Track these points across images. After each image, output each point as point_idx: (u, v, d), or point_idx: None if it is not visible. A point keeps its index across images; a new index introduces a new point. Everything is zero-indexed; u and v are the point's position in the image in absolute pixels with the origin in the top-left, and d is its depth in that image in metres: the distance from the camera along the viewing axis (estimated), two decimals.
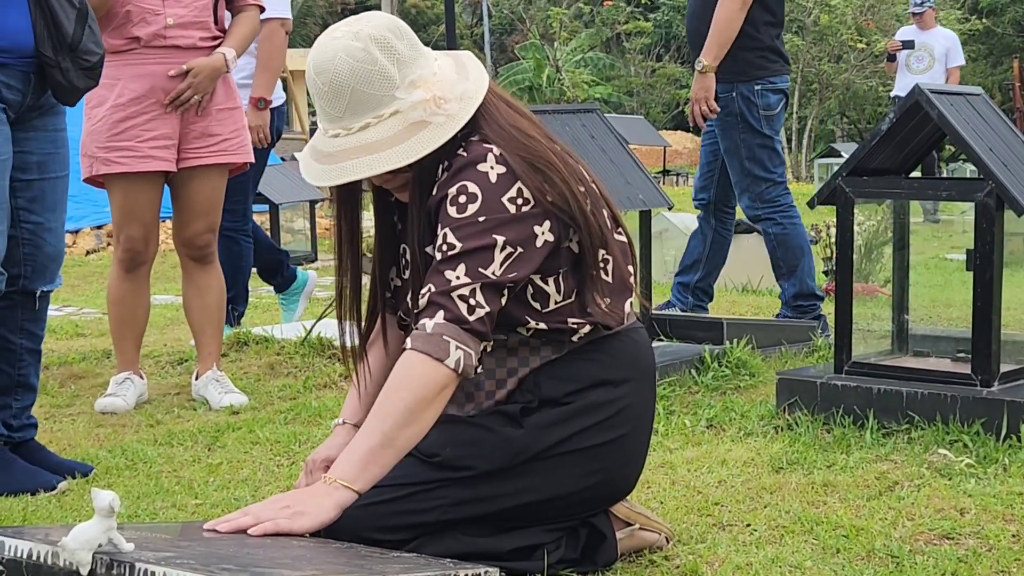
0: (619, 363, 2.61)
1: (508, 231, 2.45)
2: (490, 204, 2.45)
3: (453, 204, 2.47)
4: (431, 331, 2.43)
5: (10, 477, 3.43)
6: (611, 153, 4.57)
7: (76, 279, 10.03)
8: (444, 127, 2.50)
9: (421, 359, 2.43)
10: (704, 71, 5.29)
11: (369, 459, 2.45)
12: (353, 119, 2.49)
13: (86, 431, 4.20)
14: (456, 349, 2.42)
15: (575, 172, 2.56)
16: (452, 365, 2.42)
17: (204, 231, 4.58)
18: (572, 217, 2.51)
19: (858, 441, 3.62)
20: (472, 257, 2.44)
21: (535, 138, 2.55)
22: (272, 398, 4.64)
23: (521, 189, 2.47)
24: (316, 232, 11.02)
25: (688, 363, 4.52)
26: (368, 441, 2.46)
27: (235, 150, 4.58)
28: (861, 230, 7.27)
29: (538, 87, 30.94)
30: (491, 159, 2.48)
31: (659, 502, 3.13)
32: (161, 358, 5.35)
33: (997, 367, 3.70)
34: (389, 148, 2.47)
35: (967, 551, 2.73)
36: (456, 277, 2.44)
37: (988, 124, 3.87)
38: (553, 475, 2.53)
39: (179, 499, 3.33)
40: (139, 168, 4.40)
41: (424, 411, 2.45)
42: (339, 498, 2.43)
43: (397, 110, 2.49)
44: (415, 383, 2.43)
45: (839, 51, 31.29)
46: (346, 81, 2.47)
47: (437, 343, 2.42)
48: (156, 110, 4.40)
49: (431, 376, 2.43)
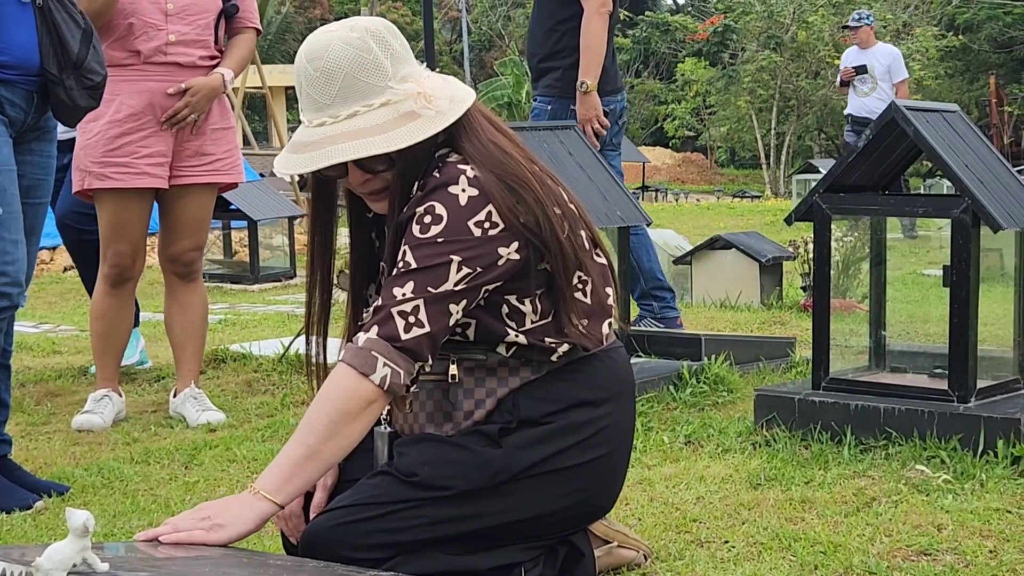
0: (599, 383, 2.61)
1: (467, 252, 2.43)
2: (454, 227, 2.43)
3: (418, 223, 2.45)
4: (361, 345, 2.40)
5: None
6: (589, 170, 4.57)
7: (53, 296, 10.00)
8: (434, 121, 2.47)
9: (347, 371, 2.40)
10: (588, 91, 5.57)
11: (292, 471, 2.41)
12: (342, 106, 2.45)
13: (62, 449, 4.18)
14: (384, 366, 2.39)
15: (552, 194, 2.54)
16: (377, 381, 2.39)
17: (191, 248, 4.59)
18: (543, 241, 2.48)
19: (836, 457, 3.63)
20: (424, 275, 2.42)
21: (513, 157, 2.54)
22: (249, 415, 4.62)
23: (491, 212, 2.44)
24: (295, 248, 11.00)
25: (666, 379, 4.52)
26: (293, 452, 2.41)
27: (227, 170, 4.61)
28: (839, 246, 7.31)
29: (517, 103, 31.02)
30: (463, 181, 2.46)
31: (637, 519, 3.13)
32: (138, 375, 5.33)
33: (974, 383, 3.71)
34: (377, 135, 2.44)
35: (944, 567, 2.74)
36: (402, 293, 2.42)
37: (964, 141, 3.89)
38: (532, 495, 2.53)
39: (156, 517, 3.31)
40: (133, 184, 4.41)
41: (348, 424, 2.40)
42: (261, 510, 2.40)
43: (388, 100, 2.46)
44: (339, 395, 2.40)
45: (817, 67, 31.43)
46: (339, 66, 2.44)
47: (365, 357, 2.40)
48: (152, 127, 4.43)
49: (355, 389, 2.39)
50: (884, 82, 12.50)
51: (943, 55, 32.37)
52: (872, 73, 12.54)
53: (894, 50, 13.07)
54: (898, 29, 31.34)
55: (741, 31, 33.26)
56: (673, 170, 37.46)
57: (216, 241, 11.45)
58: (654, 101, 38.75)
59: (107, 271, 4.53)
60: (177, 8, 4.42)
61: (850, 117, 12.89)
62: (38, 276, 11.01)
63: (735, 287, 8.22)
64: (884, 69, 12.54)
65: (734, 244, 8.53)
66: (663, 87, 38.51)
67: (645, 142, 38.06)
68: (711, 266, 8.61)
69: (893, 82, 12.51)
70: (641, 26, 37.95)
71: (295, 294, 9.88)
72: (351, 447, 2.45)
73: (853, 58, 12.84)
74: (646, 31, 37.95)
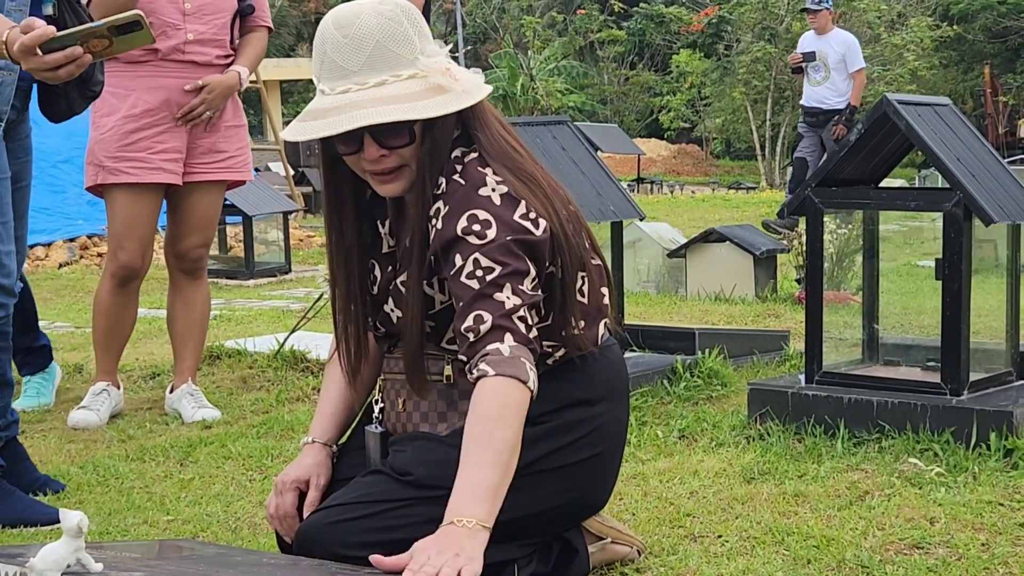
0: (594, 382, 2.61)
1: (529, 252, 2.42)
2: (506, 224, 2.41)
3: (470, 234, 2.40)
4: (509, 355, 2.35)
5: (10, 508, 3.36)
6: (582, 165, 4.58)
7: (48, 292, 9.98)
8: (461, 97, 2.44)
9: (510, 384, 2.33)
10: None
11: (496, 495, 2.32)
12: (370, 74, 2.41)
13: (57, 447, 4.18)
14: (531, 370, 2.37)
15: (557, 193, 2.55)
16: (532, 387, 2.37)
17: (199, 245, 4.62)
18: (555, 237, 2.49)
19: (829, 451, 3.64)
20: (513, 277, 2.39)
21: (521, 154, 2.54)
22: (244, 412, 4.63)
23: (527, 205, 2.45)
24: (290, 244, 11.00)
25: (660, 374, 4.53)
26: (489, 478, 2.30)
27: (239, 167, 4.66)
28: (833, 238, 7.32)
29: (512, 96, 31.00)
30: (491, 182, 2.44)
31: (631, 514, 3.14)
32: (134, 372, 5.33)
33: (967, 376, 3.72)
34: (407, 103, 2.40)
35: (937, 560, 2.75)
36: (507, 298, 2.38)
37: (956, 134, 3.90)
38: (527, 494, 2.53)
39: (151, 515, 3.32)
40: (148, 179, 4.44)
41: (519, 434, 2.35)
42: (484, 540, 2.28)
43: (415, 73, 2.43)
44: (513, 410, 2.34)
45: None
46: (371, 33, 2.41)
47: (518, 365, 2.34)
48: (168, 123, 4.46)
49: (520, 397, 2.34)
50: (838, 72, 11.95)
51: (938, 45, 32.35)
52: (824, 61, 11.96)
53: (851, 38, 12.41)
54: (893, 20, 31.32)
55: (736, 22, 33.24)
56: (668, 162, 37.44)
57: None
58: (649, 93, 38.71)
59: (115, 270, 4.54)
60: (195, 7, 4.47)
61: (802, 107, 12.45)
62: (32, 272, 11.00)
63: (729, 280, 8.22)
64: (838, 58, 11.98)
65: (728, 237, 8.54)
66: (658, 79, 38.47)
67: (640, 134, 38.02)
68: (705, 259, 8.61)
69: (849, 71, 11.98)
70: (636, 18, 37.90)
71: (290, 289, 9.88)
72: None
73: (808, 44, 12.29)
74: (640, 23, 37.89)
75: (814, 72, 12.02)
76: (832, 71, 11.94)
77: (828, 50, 12.00)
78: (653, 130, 40.01)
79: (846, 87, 11.98)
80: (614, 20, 35.96)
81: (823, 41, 12.09)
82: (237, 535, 3.12)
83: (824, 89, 11.95)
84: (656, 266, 9.44)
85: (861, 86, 12.12)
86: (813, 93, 12.07)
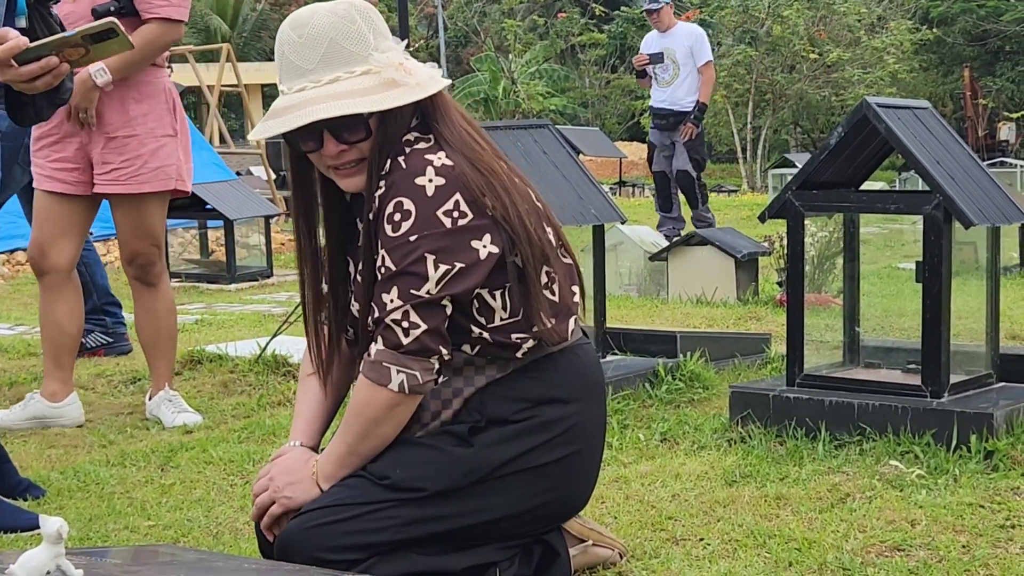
0: (566, 380, 2.62)
1: (441, 248, 2.45)
2: (424, 220, 2.45)
3: (389, 222, 2.47)
4: (373, 358, 2.50)
5: None
6: (563, 169, 4.58)
7: (29, 297, 9.94)
8: (414, 90, 2.50)
9: (367, 385, 2.52)
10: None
11: (340, 463, 2.57)
12: (324, 71, 2.48)
13: (38, 452, 4.16)
14: (398, 373, 2.48)
15: (518, 189, 2.56)
16: (396, 389, 2.49)
17: (133, 253, 4.60)
18: (513, 228, 2.51)
19: (810, 453, 3.64)
20: (404, 279, 2.46)
21: (483, 147, 2.56)
22: (226, 416, 4.62)
23: (459, 201, 2.46)
24: (271, 247, 10.97)
25: (642, 377, 4.53)
26: (338, 448, 2.57)
27: (125, 180, 4.49)
28: (814, 241, 7.33)
29: (494, 99, 31.00)
30: (430, 171, 2.47)
31: (613, 517, 3.14)
32: (114, 377, 5.32)
33: (947, 378, 3.73)
34: (360, 97, 2.47)
35: (918, 563, 2.76)
36: (390, 300, 2.47)
37: (935, 137, 3.91)
38: (504, 494, 2.54)
39: (131, 521, 3.31)
40: (41, 187, 4.53)
41: (378, 428, 2.54)
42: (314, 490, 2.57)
43: (370, 69, 2.50)
44: (365, 407, 2.54)
45: (792, 61, 31.50)
46: (324, 33, 2.48)
47: (379, 370, 2.49)
48: (62, 132, 4.47)
49: (378, 400, 2.51)
50: (687, 66, 11.07)
51: (917, 48, 32.46)
52: (673, 57, 11.07)
53: (697, 30, 11.47)
54: (872, 23, 31.41)
55: (717, 26, 33.32)
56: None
57: (192, 240, 11.42)
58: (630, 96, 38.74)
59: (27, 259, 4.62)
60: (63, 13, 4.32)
61: (651, 110, 11.59)
62: (13, 278, 10.96)
63: (711, 283, 8.22)
64: (686, 52, 11.06)
65: (710, 240, 8.54)
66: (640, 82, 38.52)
67: (622, 137, 38.04)
68: (687, 262, 8.61)
69: (697, 65, 11.07)
70: (617, 21, 37.93)
71: (272, 293, 9.86)
72: (387, 443, 2.56)
73: (652, 44, 11.32)
74: (622, 26, 37.93)
75: (662, 73, 11.19)
76: (681, 67, 11.11)
77: (675, 46, 11.14)
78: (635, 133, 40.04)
79: (695, 84, 11.18)
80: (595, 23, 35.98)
81: (669, 38, 11.25)
82: (218, 540, 3.12)
83: (674, 90, 11.14)
84: (638, 269, 9.44)
85: (711, 81, 11.35)
86: (662, 94, 11.23)
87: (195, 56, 16.83)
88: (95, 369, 5.39)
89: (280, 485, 2.57)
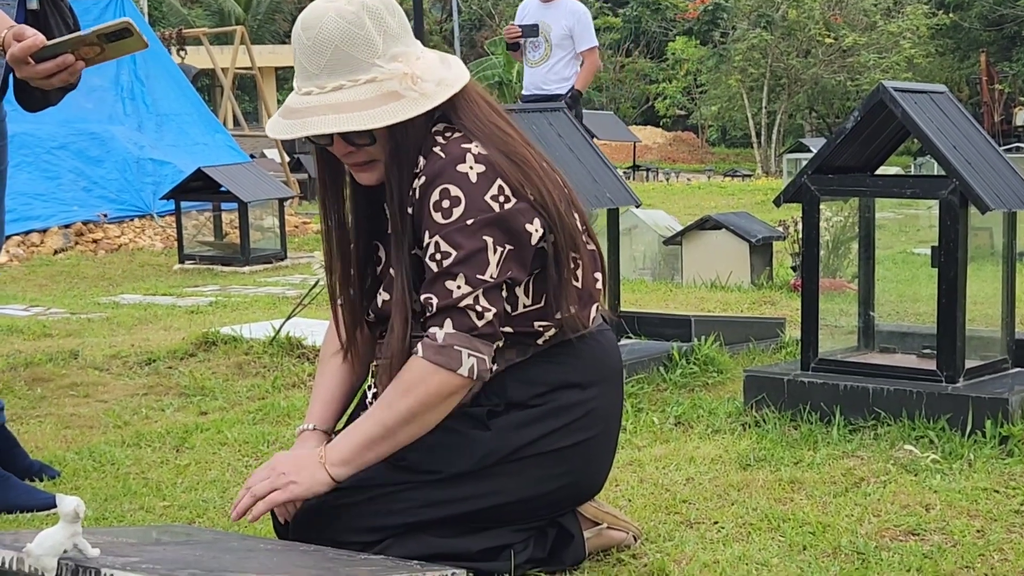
0: (586, 365, 2.62)
1: (497, 231, 2.45)
2: (474, 204, 2.45)
3: (437, 210, 2.46)
4: (442, 342, 2.45)
5: (6, 494, 3.33)
6: (578, 151, 4.57)
7: (44, 279, 9.98)
8: (417, 103, 2.47)
9: (432, 369, 2.45)
10: None
11: (366, 445, 2.49)
12: (329, 78, 2.47)
13: (53, 432, 4.18)
14: (468, 357, 2.45)
15: (549, 176, 2.56)
16: (465, 373, 2.45)
17: None
18: (548, 214, 2.51)
19: (825, 437, 3.64)
20: (467, 264, 2.44)
21: (513, 136, 2.55)
22: (240, 398, 4.63)
23: (502, 186, 2.47)
24: (285, 230, 11.00)
25: (656, 360, 4.53)
26: (370, 429, 2.49)
27: None
28: (829, 226, 7.32)
29: (508, 82, 30.98)
30: (470, 159, 2.47)
31: (627, 500, 3.14)
32: (129, 358, 5.33)
33: (962, 363, 3.72)
34: (357, 111, 2.45)
35: (932, 547, 2.75)
36: (457, 287, 2.44)
37: (952, 122, 3.90)
38: (520, 478, 2.54)
39: (147, 501, 3.32)
40: None
41: (428, 414, 2.49)
42: (323, 480, 2.48)
43: (374, 78, 2.47)
44: (423, 391, 2.47)
45: (807, 46, 31.39)
46: (330, 38, 2.46)
47: (449, 354, 2.45)
48: None
49: (442, 385, 2.46)
50: (563, 49, 9.14)
51: (934, 33, 32.35)
52: (547, 35, 9.14)
53: (581, 8, 9.38)
54: (889, 7, 31.31)
55: (732, 9, 33.22)
56: (664, 149, 37.44)
57: (206, 223, 11.44)
58: (644, 80, 38.68)
59: None
60: None
61: (521, 98, 9.78)
62: (28, 259, 10.99)
63: (725, 267, 8.22)
64: (563, 32, 9.14)
65: (724, 224, 8.54)
66: (654, 66, 38.44)
67: (636, 121, 38.00)
68: (701, 246, 8.61)
69: (578, 50, 9.17)
70: (632, 5, 37.87)
71: (286, 276, 9.88)
72: (426, 431, 2.50)
73: (530, 14, 9.32)
74: (636, 9, 37.86)
75: (532, 50, 9.23)
76: (554, 48, 9.15)
77: (551, 22, 9.17)
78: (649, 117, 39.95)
79: (570, 70, 9.24)
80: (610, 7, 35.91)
81: (549, 11, 9.20)
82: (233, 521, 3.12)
83: (542, 73, 9.22)
84: (652, 253, 9.45)
85: (592, 69, 9.45)
86: (530, 76, 9.32)
87: (209, 38, 16.83)
88: (110, 351, 5.40)
89: (284, 471, 2.50)
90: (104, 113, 12.95)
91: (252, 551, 2.25)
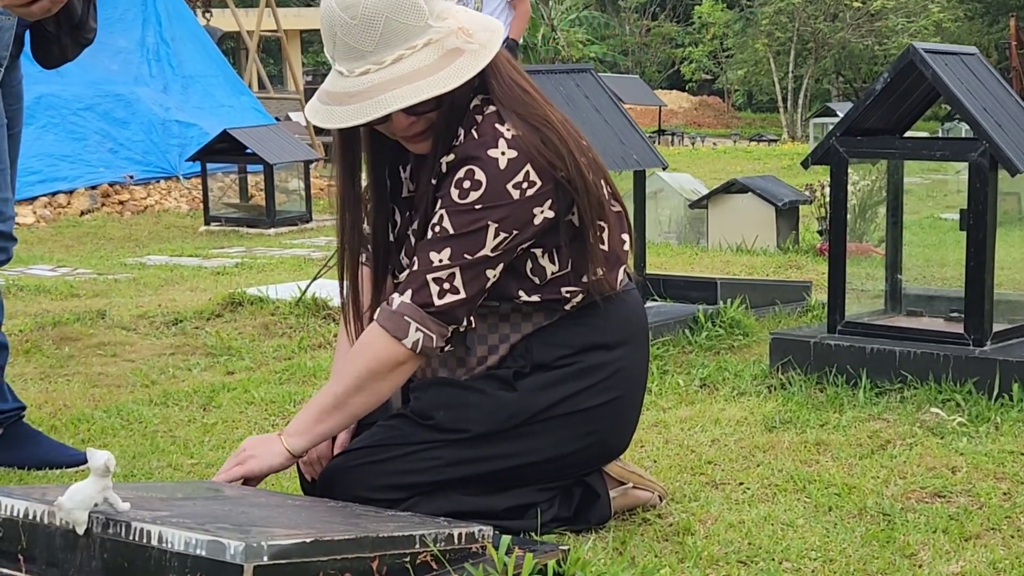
0: (612, 326, 2.61)
1: (504, 217, 2.43)
2: (492, 192, 2.42)
3: (457, 187, 2.44)
4: (395, 309, 2.45)
5: (36, 450, 3.35)
6: (605, 113, 4.56)
7: (71, 240, 10.03)
8: (479, 55, 2.44)
9: (380, 333, 2.46)
10: None
11: (318, 418, 2.50)
12: (386, 51, 2.40)
13: (81, 391, 4.20)
14: (416, 331, 2.44)
15: (573, 137, 2.54)
16: (409, 345, 2.45)
17: None
18: (574, 185, 2.49)
19: (851, 400, 3.64)
20: (461, 241, 2.43)
21: (535, 98, 2.54)
22: (267, 358, 4.64)
23: (528, 172, 2.44)
24: (310, 192, 11.02)
25: (682, 323, 4.53)
26: (322, 401, 2.51)
27: None
28: (855, 190, 7.29)
29: (533, 46, 30.85)
30: (502, 144, 2.44)
31: (652, 461, 3.15)
32: (156, 319, 5.35)
33: (990, 326, 3.71)
34: (428, 76, 2.40)
35: (958, 509, 2.75)
36: (439, 259, 2.44)
37: (983, 84, 3.87)
38: (546, 437, 2.54)
39: (175, 459, 3.34)
40: None
41: (376, 382, 2.48)
42: (280, 452, 2.50)
43: (431, 40, 2.42)
44: (370, 355, 2.47)
45: (835, 9, 31.16)
46: (378, 11, 2.38)
47: (398, 322, 2.45)
48: None
49: (387, 351, 2.46)
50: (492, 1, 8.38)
51: None
52: None
53: None
54: None
55: None
56: (690, 113, 37.29)
57: (232, 185, 11.46)
58: (671, 44, 38.48)
59: None
60: None
61: None
62: (55, 220, 11.04)
63: (751, 231, 8.21)
64: None
65: (750, 188, 8.51)
66: (680, 30, 38.25)
67: (661, 85, 37.82)
68: (727, 210, 8.59)
69: None
70: None
71: (311, 238, 9.90)
72: (379, 402, 2.52)
73: None
74: None
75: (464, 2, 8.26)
76: None
77: None
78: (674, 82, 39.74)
79: (503, 19, 8.44)
80: None
81: None
82: None
83: None
84: (678, 216, 9.43)
85: (525, 17, 8.86)
86: None
87: (235, 1, 16.81)
88: (137, 311, 5.42)
89: (246, 447, 2.53)
90: (130, 75, 12.96)
91: (280, 507, 2.26)
